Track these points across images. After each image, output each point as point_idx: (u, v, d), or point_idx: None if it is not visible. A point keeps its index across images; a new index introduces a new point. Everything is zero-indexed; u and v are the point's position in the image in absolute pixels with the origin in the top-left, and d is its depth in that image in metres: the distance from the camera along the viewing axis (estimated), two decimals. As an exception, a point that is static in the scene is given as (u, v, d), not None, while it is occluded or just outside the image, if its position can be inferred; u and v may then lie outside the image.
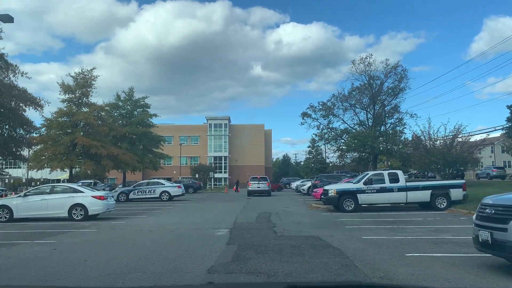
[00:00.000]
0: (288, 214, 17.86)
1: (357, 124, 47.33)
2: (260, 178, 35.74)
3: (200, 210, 20.55)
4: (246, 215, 17.22)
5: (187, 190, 42.18)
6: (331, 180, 28.49)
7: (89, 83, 29.12)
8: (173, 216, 17.61)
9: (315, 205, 21.46)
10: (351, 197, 18.31)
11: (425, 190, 18.30)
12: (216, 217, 16.80)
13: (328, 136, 48.56)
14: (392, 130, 44.69)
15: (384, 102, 46.43)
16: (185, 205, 24.80)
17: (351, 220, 14.75)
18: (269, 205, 23.10)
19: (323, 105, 48.77)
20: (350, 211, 18.01)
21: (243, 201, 27.35)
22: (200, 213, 18.97)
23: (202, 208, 22.31)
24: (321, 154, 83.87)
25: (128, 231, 12.68)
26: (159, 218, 16.84)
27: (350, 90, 47.74)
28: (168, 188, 28.68)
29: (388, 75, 46.16)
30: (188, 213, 18.96)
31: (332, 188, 18.71)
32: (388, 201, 18.47)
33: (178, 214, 18.54)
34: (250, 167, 76.30)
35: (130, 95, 39.05)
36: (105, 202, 16.24)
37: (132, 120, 38.00)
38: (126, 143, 36.13)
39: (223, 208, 21.87)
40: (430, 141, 27.69)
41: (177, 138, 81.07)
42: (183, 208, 22.10)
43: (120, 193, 28.66)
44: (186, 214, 18.72)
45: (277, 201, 27.68)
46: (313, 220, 15.14)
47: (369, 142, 40.09)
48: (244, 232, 11.69)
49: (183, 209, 21.79)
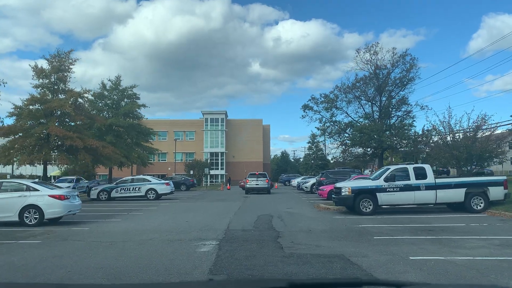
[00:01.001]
0: (293, 217, 14.68)
1: (362, 117, 44.11)
2: (258, 175, 32.59)
3: (187, 212, 17.33)
4: (242, 219, 14.04)
5: (179, 188, 39.01)
6: (338, 177, 25.30)
7: (67, 67, 25.80)
8: (152, 220, 14.39)
9: (323, 206, 18.28)
10: (369, 196, 15.13)
11: (459, 188, 15.11)
12: (205, 220, 13.61)
13: (331, 130, 45.29)
14: (400, 124, 41.47)
15: (391, 93, 43.22)
16: (173, 204, 21.59)
17: (377, 227, 11.57)
18: (269, 205, 19.94)
19: (325, 97, 45.50)
20: (368, 214, 14.86)
21: (239, 200, 24.17)
22: (187, 215, 15.76)
23: (191, 208, 19.11)
24: (321, 150, 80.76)
25: (82, 244, 9.45)
26: (134, 223, 13.62)
27: (354, 81, 44.51)
28: (155, 185, 25.44)
29: (396, 64, 42.97)
30: (172, 216, 15.74)
31: (346, 185, 15.51)
32: (413, 201, 15.29)
33: (160, 217, 15.32)
34: (248, 164, 73.02)
35: (117, 84, 35.68)
36: (65, 203, 13.00)
37: (118, 111, 34.68)
38: (112, 136, 32.81)
39: (216, 208, 18.68)
40: (451, 133, 24.47)
41: (172, 133, 77.80)
42: (168, 209, 18.88)
43: (101, 191, 25.42)
44: (169, 216, 15.50)
45: (278, 200, 24.51)
46: (326, 226, 11.95)
47: (377, 135, 36.90)
48: (238, 247, 8.47)
49: (168, 210, 18.57)
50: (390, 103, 42.64)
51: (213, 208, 19.07)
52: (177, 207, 19.68)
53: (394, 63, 43.12)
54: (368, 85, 44.79)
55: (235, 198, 27.14)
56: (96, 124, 32.48)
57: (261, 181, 31.50)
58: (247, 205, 20.30)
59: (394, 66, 43.10)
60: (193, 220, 14.00)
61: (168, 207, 19.81)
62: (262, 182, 31.50)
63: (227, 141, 77.50)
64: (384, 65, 42.73)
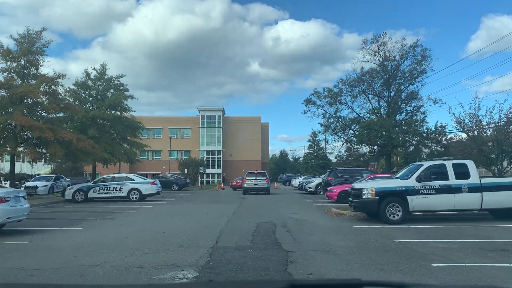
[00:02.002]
0: (301, 225, 11.50)
1: (368, 112, 40.97)
2: (257, 174, 29.42)
3: (170, 217, 14.11)
4: (236, 228, 10.85)
5: (170, 187, 35.77)
6: (348, 176, 22.15)
7: (39, 50, 22.54)
8: (122, 229, 11.17)
9: (336, 211, 15.08)
10: (398, 200, 11.96)
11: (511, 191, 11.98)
12: (189, 231, 10.42)
13: (335, 126, 42.08)
14: (409, 119, 38.27)
15: (400, 87, 40.05)
16: (157, 207, 18.36)
17: (421, 244, 8.38)
18: (270, 209, 16.76)
19: (329, 91, 42.36)
20: (396, 222, 11.71)
21: (235, 202, 20.97)
22: (168, 222, 12.56)
23: (177, 213, 15.89)
24: (322, 149, 77.63)
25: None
26: (96, 233, 10.41)
27: (360, 74, 41.33)
28: (138, 185, 22.20)
29: (406, 55, 39.79)
30: (150, 223, 12.52)
31: (368, 186, 12.31)
32: (453, 207, 12.11)
33: (133, 225, 12.09)
34: (246, 163, 69.77)
35: (102, 73, 32.40)
36: (3, 208, 9.77)
37: (103, 103, 31.41)
38: (95, 129, 29.57)
39: (206, 213, 15.48)
40: (480, 126, 21.30)
41: (167, 131, 74.60)
42: (149, 213, 15.66)
43: (77, 190, 22.17)
44: (146, 224, 12.27)
45: (280, 202, 21.32)
46: (351, 242, 8.75)
47: (387, 132, 33.73)
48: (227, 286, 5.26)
49: (148, 214, 15.34)
50: (400, 97, 39.50)
51: (203, 212, 15.85)
52: (160, 211, 16.43)
53: (403, 54, 40.01)
54: (375, 78, 41.73)
55: (231, 199, 23.95)
56: (77, 117, 29.34)
57: (260, 181, 28.33)
58: (244, 209, 17.11)
59: (403, 58, 39.98)
60: (173, 230, 10.80)
61: (150, 211, 16.58)
62: (261, 182, 28.33)
63: (224, 139, 74.26)
64: (393, 57, 39.62)
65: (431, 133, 35.05)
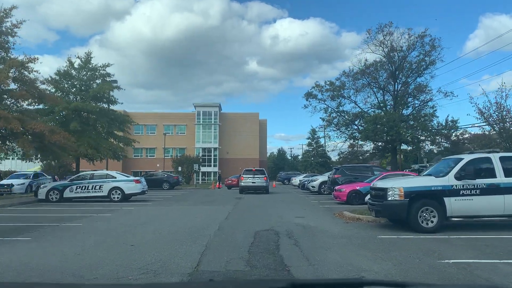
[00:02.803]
0: (313, 236, 8.99)
1: (373, 106, 38.47)
2: (255, 171, 26.91)
3: (149, 223, 11.56)
4: (228, 240, 8.35)
5: (161, 186, 33.19)
6: (358, 174, 19.69)
7: (8, 30, 19.91)
8: (79, 241, 8.61)
9: (349, 214, 12.55)
10: (432, 203, 9.48)
11: None
12: (165, 245, 7.88)
13: (337, 120, 39.55)
14: (418, 114, 35.80)
15: (407, 79, 37.54)
16: (139, 209, 15.79)
17: (493, 268, 5.88)
18: (270, 212, 14.25)
19: (331, 84, 39.85)
20: (430, 231, 9.27)
21: (230, 203, 18.45)
22: (143, 231, 10.02)
23: (160, 217, 13.35)
24: (322, 147, 75.21)
25: None
26: (43, 247, 7.88)
27: (363, 67, 38.81)
28: (121, 183, 19.61)
29: (413, 46, 37.30)
30: (119, 232, 9.96)
31: (395, 186, 9.77)
32: (502, 211, 9.62)
33: (98, 234, 9.53)
34: (243, 160, 67.16)
35: (87, 62, 29.75)
36: None
37: (88, 94, 28.77)
38: (77, 122, 26.98)
39: (195, 217, 12.95)
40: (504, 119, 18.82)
41: (162, 127, 72.00)
42: (126, 217, 13.10)
43: (51, 189, 19.59)
44: (113, 233, 9.72)
45: (281, 203, 18.81)
46: (388, 264, 6.23)
47: (395, 127, 31.25)
48: None
49: (125, 219, 12.78)
50: (407, 90, 37.01)
51: (190, 216, 13.32)
52: (139, 215, 13.87)
53: (410, 45, 37.53)
54: (380, 71, 39.25)
55: (225, 199, 21.44)
56: (58, 108, 26.75)
57: (258, 179, 25.82)
58: (240, 211, 14.58)
59: (410, 48, 37.48)
60: (145, 242, 8.27)
61: (128, 215, 14.02)
62: (259, 180, 25.82)
63: (220, 136, 71.76)
64: (400, 47, 37.11)
65: (442, 128, 32.59)
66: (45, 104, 25.97)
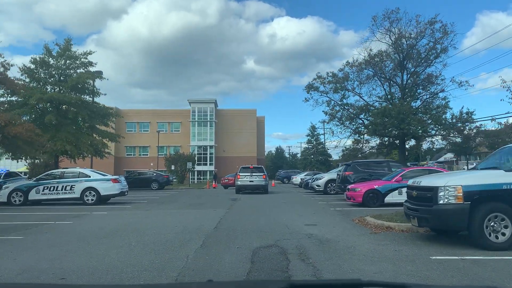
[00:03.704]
0: (338, 258, 6.17)
1: (380, 98, 35.70)
2: (253, 169, 24.14)
3: (108, 238, 8.69)
4: (213, 268, 5.51)
5: (150, 186, 30.30)
6: (372, 170, 16.90)
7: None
8: (9, 263, 5.78)
9: (374, 221, 9.72)
10: (504, 208, 6.70)
11: None
12: (113, 278, 5.03)
13: (341, 114, 36.69)
14: (428, 106, 32.98)
15: (416, 69, 34.75)
16: (110, 215, 12.92)
17: None
18: (272, 217, 11.43)
19: (333, 76, 37.02)
20: (503, 248, 6.49)
21: (223, 206, 15.61)
22: (96, 250, 7.15)
23: (130, 226, 10.48)
24: (322, 144, 72.45)
25: None
26: None
27: (367, 57, 35.98)
28: (95, 183, 16.72)
29: (422, 34, 34.48)
30: (61, 253, 7.11)
31: (450, 183, 6.94)
32: None
33: (27, 257, 6.68)
34: (240, 159, 64.22)
35: (66, 49, 26.80)
36: None
37: (66, 84, 25.82)
38: (53, 115, 24.09)
39: (174, 226, 10.09)
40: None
41: (155, 125, 69.10)
42: (86, 228, 10.24)
43: (14, 191, 16.70)
44: (49, 255, 6.86)
45: (284, 205, 15.97)
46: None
47: (407, 119, 28.43)
48: None
49: (82, 230, 9.92)
50: (416, 81, 34.21)
51: (170, 224, 10.45)
52: (106, 224, 10.98)
53: (418, 33, 34.70)
54: (386, 61, 36.45)
55: (219, 201, 18.60)
56: (31, 100, 23.87)
57: (256, 177, 23.02)
58: (234, 218, 11.74)
59: (418, 37, 34.62)
60: (86, 270, 5.43)
61: (93, 223, 11.16)
62: (257, 179, 23.02)
63: (216, 133, 68.89)
64: (408, 33, 34.28)
65: (457, 120, 29.80)
66: (17, 95, 23.18)
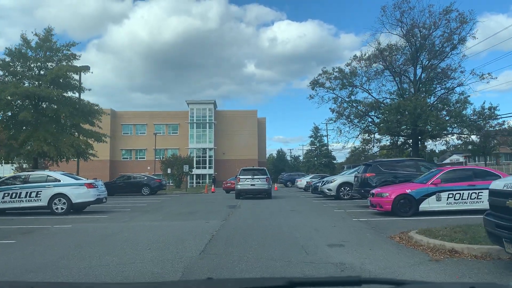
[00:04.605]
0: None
1: (392, 94, 32.92)
2: (255, 171, 21.34)
3: (41, 272, 5.88)
4: None
5: (141, 191, 27.42)
6: (399, 170, 14.06)
7: None
8: None
9: (428, 242, 6.89)
10: None
11: None
12: None
13: (349, 112, 33.89)
14: (445, 100, 30.16)
15: (431, 62, 31.96)
16: (74, 229, 10.10)
17: None
18: (282, 233, 8.59)
19: (340, 71, 34.29)
20: None
21: (219, 215, 12.77)
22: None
23: (89, 248, 7.65)
24: (325, 146, 69.59)
25: None
26: None
27: (376, 51, 33.27)
28: (66, 188, 13.88)
29: (437, 24, 31.72)
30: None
31: None
32: None
33: None
34: (241, 162, 61.20)
35: (45, 40, 24.07)
36: None
37: (45, 77, 23.06)
38: (28, 112, 21.33)
39: (146, 247, 7.25)
40: None
41: (152, 127, 66.39)
42: (25, 253, 7.43)
43: (-34, 198, 13.90)
44: None
45: (293, 214, 13.09)
46: None
47: (424, 114, 25.61)
48: None
49: (15, 257, 7.12)
50: (432, 74, 31.41)
51: (143, 245, 7.59)
52: (63, 244, 8.12)
53: (431, 25, 31.95)
54: (396, 55, 33.71)
55: (214, 208, 15.75)
56: (4, 94, 21.14)
57: (258, 180, 20.21)
58: (230, 234, 8.88)
59: (434, 26, 31.83)
60: None
61: (46, 243, 8.33)
62: (260, 182, 20.22)
63: (216, 135, 66.11)
64: (422, 23, 31.54)
65: (479, 116, 26.97)
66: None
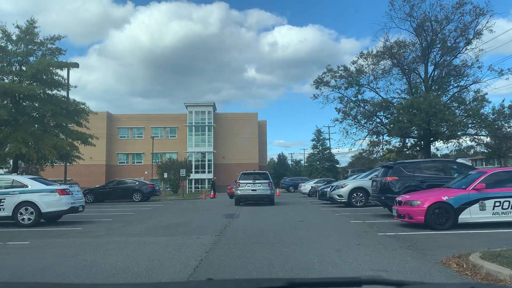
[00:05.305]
0: None
1: (403, 92, 30.87)
2: (256, 175, 19.28)
3: None
4: None
5: (132, 197, 25.18)
6: (427, 174, 11.91)
7: None
8: None
9: (502, 272, 4.79)
10: None
11: None
12: None
13: (356, 112, 31.77)
14: (461, 98, 28.05)
15: (444, 57, 29.89)
16: (32, 246, 7.97)
17: None
18: (289, 255, 6.44)
19: (345, 69, 32.26)
20: None
21: (213, 228, 10.62)
22: None
23: (37, 275, 5.53)
24: (328, 149, 67.40)
25: None
26: None
27: (384, 47, 31.28)
28: (34, 196, 11.72)
29: (450, 18, 29.70)
30: None
31: None
32: None
33: None
34: (241, 166, 58.97)
35: (27, 32, 22.05)
36: None
37: (26, 73, 21.01)
38: (5, 110, 19.25)
39: (111, 277, 5.12)
40: None
41: (150, 130, 64.29)
42: None
43: None
44: None
45: (301, 226, 10.92)
46: None
47: (440, 113, 23.50)
48: None
49: None
50: (445, 71, 29.34)
51: (107, 274, 5.46)
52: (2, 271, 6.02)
53: (444, 18, 29.96)
54: (406, 52, 31.70)
55: (209, 218, 13.59)
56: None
57: (260, 185, 18.10)
58: (223, 258, 6.73)
59: (444, 21, 29.83)
60: None
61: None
62: (262, 187, 18.11)
63: (215, 139, 64.03)
64: (434, 16, 29.51)
65: (499, 115, 24.80)
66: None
